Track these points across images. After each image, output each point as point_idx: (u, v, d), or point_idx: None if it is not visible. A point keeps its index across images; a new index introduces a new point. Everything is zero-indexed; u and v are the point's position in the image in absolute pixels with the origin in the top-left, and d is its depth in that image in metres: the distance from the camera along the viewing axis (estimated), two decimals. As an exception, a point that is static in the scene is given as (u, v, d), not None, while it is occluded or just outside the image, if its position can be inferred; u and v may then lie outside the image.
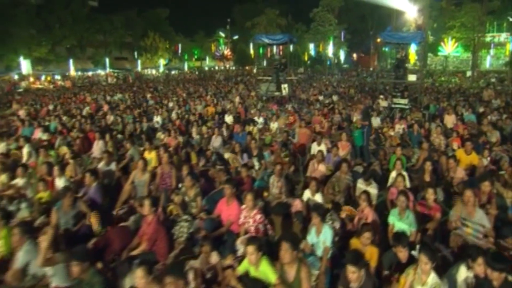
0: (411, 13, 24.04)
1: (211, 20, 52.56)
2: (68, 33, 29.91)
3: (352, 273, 2.73)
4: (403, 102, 11.80)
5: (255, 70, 45.89)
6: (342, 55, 44.19)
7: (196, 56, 52.15)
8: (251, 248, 3.01)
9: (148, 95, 19.31)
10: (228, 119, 11.33)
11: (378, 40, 50.97)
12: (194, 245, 4.32)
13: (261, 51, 47.80)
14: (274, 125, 10.19)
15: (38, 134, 9.86)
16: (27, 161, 7.29)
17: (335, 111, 12.14)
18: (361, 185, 5.00)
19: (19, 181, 5.81)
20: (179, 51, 46.93)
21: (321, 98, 17.01)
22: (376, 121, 10.69)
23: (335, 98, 16.42)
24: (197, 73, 44.15)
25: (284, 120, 11.06)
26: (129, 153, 7.06)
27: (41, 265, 3.20)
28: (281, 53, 28.16)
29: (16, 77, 27.63)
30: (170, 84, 27.92)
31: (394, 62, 14.29)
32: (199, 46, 50.42)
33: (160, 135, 9.35)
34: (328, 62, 42.68)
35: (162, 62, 43.03)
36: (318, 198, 4.79)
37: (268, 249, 3.38)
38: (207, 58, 52.78)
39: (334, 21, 37.13)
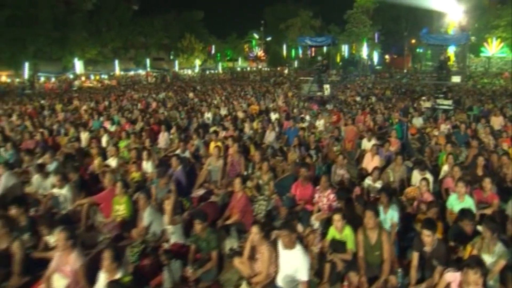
0: (454, 14, 23.55)
1: (243, 22, 53.88)
2: (114, 36, 32.14)
3: (427, 236, 3.30)
4: (447, 103, 11.95)
5: (286, 71, 46.59)
6: (375, 56, 43.67)
7: (228, 57, 53.61)
8: (337, 216, 3.68)
9: (190, 94, 20.54)
10: (274, 116, 12.05)
11: (413, 41, 49.87)
12: (272, 220, 5.06)
13: (293, 52, 48.41)
14: (320, 123, 10.78)
15: (107, 126, 11.15)
16: (107, 148, 8.41)
17: (377, 112, 12.51)
18: (418, 174, 5.51)
19: (111, 162, 6.85)
20: (213, 52, 48.53)
21: (358, 99, 17.34)
22: (418, 121, 10.98)
23: (373, 99, 16.75)
24: (229, 74, 45.47)
25: (327, 118, 11.63)
26: (195, 143, 7.96)
27: (167, 224, 4.04)
28: (313, 54, 28.57)
29: (71, 76, 30.29)
30: (207, 84, 29.23)
31: (432, 64, 14.33)
32: (231, 47, 51.82)
33: (215, 129, 10.26)
34: (361, 64, 42.42)
35: (197, 62, 44.78)
36: (379, 185, 5.36)
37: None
38: (240, 59, 54.12)
39: (368, 23, 36.97)
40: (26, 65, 27.13)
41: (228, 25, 53.34)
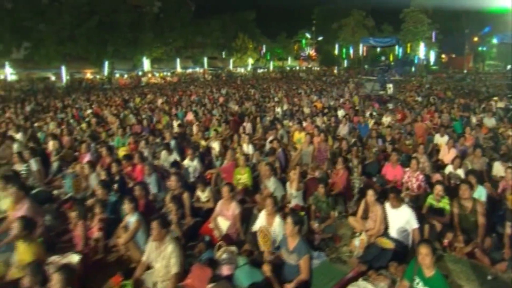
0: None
1: (293, 21, 54.58)
2: (176, 36, 34.91)
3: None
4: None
5: (335, 71, 46.54)
6: (431, 56, 41.84)
7: (278, 56, 54.74)
8: (439, 187, 4.53)
9: (252, 91, 21.99)
10: (340, 113, 12.85)
11: (475, 39, 46.79)
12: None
13: (344, 52, 48.17)
14: (386, 119, 11.40)
15: (190, 116, 12.79)
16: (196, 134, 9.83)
17: (443, 111, 12.74)
18: (500, 165, 6.07)
19: (214, 145, 8.20)
20: (263, 51, 50.00)
21: (419, 99, 17.39)
22: (490, 122, 11.08)
23: (434, 99, 16.71)
24: (279, 73, 46.55)
25: (393, 116, 12.18)
26: (280, 133, 9.11)
27: (294, 189, 5.17)
28: (365, 54, 28.40)
29: (140, 73, 33.75)
30: (261, 82, 30.62)
31: (497, 63, 13.96)
32: (281, 46, 52.86)
33: (287, 122, 11.36)
34: (416, 63, 40.96)
35: (250, 61, 46.55)
36: (460, 172, 6.03)
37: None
38: (289, 58, 55.05)
39: (426, 21, 35.69)
40: (106, 63, 30.77)
41: (278, 25, 54.53)
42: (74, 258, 3.69)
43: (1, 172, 7.14)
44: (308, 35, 50.69)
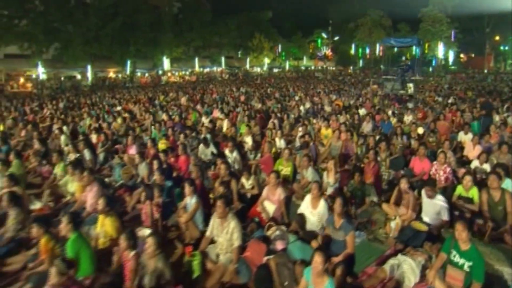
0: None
1: (308, 21, 54.65)
2: (195, 36, 35.75)
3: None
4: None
5: (350, 70, 46.57)
6: (450, 56, 41.30)
7: (294, 56, 55.00)
8: (468, 177, 4.90)
9: (269, 89, 22.50)
10: (361, 111, 13.18)
11: (497, 38, 45.79)
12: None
13: (360, 52, 48.09)
14: (408, 118, 11.68)
15: (216, 113, 13.37)
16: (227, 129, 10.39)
17: (465, 110, 12.91)
18: (527, 160, 6.36)
19: (247, 139, 8.73)
20: (279, 51, 50.39)
21: (439, 99, 17.48)
22: (514, 121, 11.20)
23: (452, 99, 16.80)
24: (295, 72, 46.88)
25: (414, 115, 12.44)
26: (308, 129, 9.55)
27: (332, 179, 5.63)
28: (381, 54, 28.20)
29: (160, 72, 34.84)
30: (277, 81, 31.11)
31: None
32: (296, 46, 53.11)
33: (312, 120, 11.78)
34: (433, 63, 40.60)
35: (266, 61, 47.05)
36: (487, 167, 6.34)
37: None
38: (304, 58, 55.23)
39: (445, 20, 35.30)
40: (128, 63, 31.89)
41: (293, 24, 54.72)
42: (145, 232, 4.25)
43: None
44: (324, 35, 50.77)
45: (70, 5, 27.32)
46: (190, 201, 4.67)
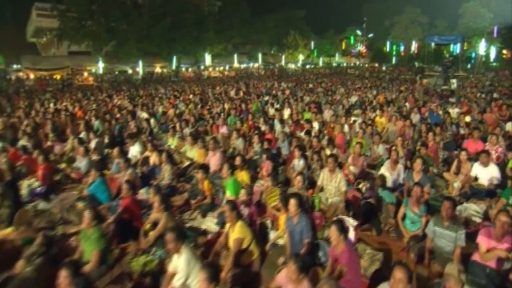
0: None
1: (341, 18, 54.99)
2: (235, 34, 37.56)
3: None
4: None
5: (384, 68, 46.47)
6: (492, 52, 40.11)
7: (326, 53, 55.61)
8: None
9: (310, 85, 23.75)
10: (407, 104, 14.22)
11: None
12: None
13: (394, 49, 47.90)
14: (454, 111, 12.62)
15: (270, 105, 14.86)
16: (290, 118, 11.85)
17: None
18: None
19: (315, 125, 10.15)
20: (311, 47, 51.25)
21: (482, 95, 17.98)
22: None
23: (496, 95, 17.27)
24: (327, 69, 47.55)
25: (459, 108, 13.32)
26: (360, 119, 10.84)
27: (401, 154, 6.96)
28: (416, 51, 28.32)
29: (202, 67, 37.12)
30: (313, 77, 32.21)
31: None
32: (329, 43, 53.68)
33: (358, 112, 13.01)
34: (473, 61, 39.80)
35: (301, 57, 48.17)
36: (535, 149, 7.40)
37: None
38: (337, 55, 55.71)
39: (488, 16, 34.63)
40: (174, 58, 34.28)
41: (326, 21, 55.29)
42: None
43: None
44: (358, 32, 51.02)
45: (126, 6, 29.89)
46: (298, 162, 6.21)
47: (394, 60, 49.78)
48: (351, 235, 4.18)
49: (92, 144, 8.52)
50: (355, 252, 3.62)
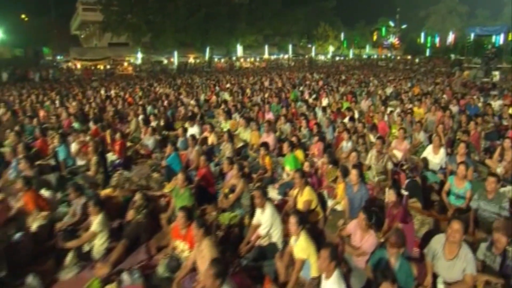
0: None
1: (373, 9, 53.55)
2: (266, 25, 37.96)
3: None
4: None
5: (417, 60, 45.04)
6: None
7: (356, 44, 54.65)
8: None
9: (343, 77, 23.89)
10: (445, 96, 14.26)
11: None
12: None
13: (429, 40, 46.19)
14: (496, 103, 12.60)
15: (306, 96, 15.39)
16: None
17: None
18: None
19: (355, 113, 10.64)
20: (341, 39, 50.57)
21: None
22: None
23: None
24: (357, 61, 46.88)
25: (502, 100, 13.27)
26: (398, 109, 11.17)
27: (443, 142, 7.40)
28: (453, 42, 27.28)
29: (234, 58, 38.09)
30: (344, 69, 32.13)
31: None
32: (359, 34, 52.66)
33: (394, 103, 13.26)
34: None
35: (331, 49, 47.80)
36: None
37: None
38: (367, 46, 54.61)
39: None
40: (207, 49, 35.37)
41: (357, 13, 54.12)
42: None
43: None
44: (391, 23, 49.61)
45: (164, -2, 31.26)
46: (347, 144, 6.84)
47: (428, 52, 48.13)
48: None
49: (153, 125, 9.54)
50: (409, 213, 4.24)
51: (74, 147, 7.81)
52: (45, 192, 5.68)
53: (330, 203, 5.21)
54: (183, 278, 3.45)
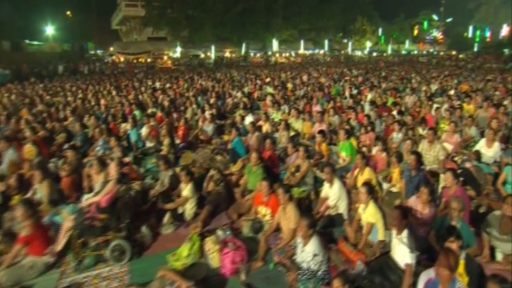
0: None
1: (413, 2, 51.43)
2: (302, 20, 38.01)
3: None
4: None
5: (463, 55, 42.73)
6: None
7: (394, 40, 52.97)
8: None
9: (383, 73, 23.66)
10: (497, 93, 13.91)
11: None
12: None
13: (477, 34, 43.73)
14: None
15: (347, 91, 15.62)
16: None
17: None
18: None
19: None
20: (379, 34, 49.25)
21: None
22: None
23: None
24: (396, 57, 45.51)
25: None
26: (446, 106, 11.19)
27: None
28: (507, 36, 25.37)
29: (269, 53, 38.70)
30: (384, 66, 31.55)
31: None
32: (398, 29, 50.96)
33: (440, 99, 13.18)
34: None
35: (368, 44, 46.86)
36: None
37: None
38: (407, 41, 52.74)
39: None
40: (244, 44, 36.21)
41: (396, 6, 52.26)
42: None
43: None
44: (434, 17, 47.39)
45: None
46: (397, 135, 7.23)
47: (475, 47, 45.49)
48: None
49: (207, 114, 10.40)
50: (466, 193, 4.63)
51: (144, 130, 8.84)
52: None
53: (384, 186, 5.69)
54: (269, 235, 4.14)
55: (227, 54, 38.58)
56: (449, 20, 46.17)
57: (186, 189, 5.01)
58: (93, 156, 7.65)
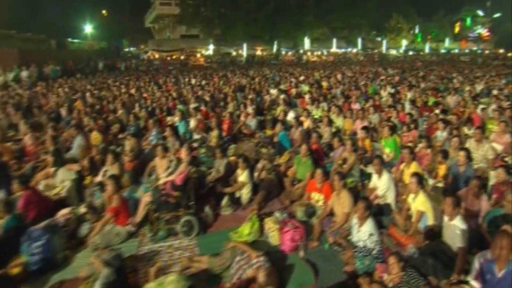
0: None
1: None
2: (335, 18, 37.60)
3: None
4: None
5: (510, 54, 39.81)
6: None
7: (432, 37, 50.90)
8: None
9: (421, 73, 23.07)
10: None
11: None
12: None
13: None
14: None
15: (388, 89, 15.48)
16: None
17: None
18: None
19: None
20: (416, 32, 47.56)
21: None
22: None
23: None
24: (434, 56, 43.80)
25: None
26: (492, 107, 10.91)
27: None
28: None
29: (301, 51, 38.81)
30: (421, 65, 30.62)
31: None
32: (436, 26, 48.87)
33: (486, 100, 12.80)
34: None
35: (404, 43, 45.47)
36: None
37: None
38: (447, 40, 50.38)
39: None
40: (275, 42, 36.54)
41: (435, 2, 50.12)
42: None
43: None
44: (479, 12, 44.58)
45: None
46: (441, 134, 7.31)
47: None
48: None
49: (249, 110, 10.89)
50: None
51: (192, 123, 9.48)
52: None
53: (430, 182, 5.85)
54: (323, 219, 4.52)
55: (259, 52, 39.07)
56: (496, 15, 43.21)
57: (243, 175, 5.49)
58: (147, 145, 8.41)
